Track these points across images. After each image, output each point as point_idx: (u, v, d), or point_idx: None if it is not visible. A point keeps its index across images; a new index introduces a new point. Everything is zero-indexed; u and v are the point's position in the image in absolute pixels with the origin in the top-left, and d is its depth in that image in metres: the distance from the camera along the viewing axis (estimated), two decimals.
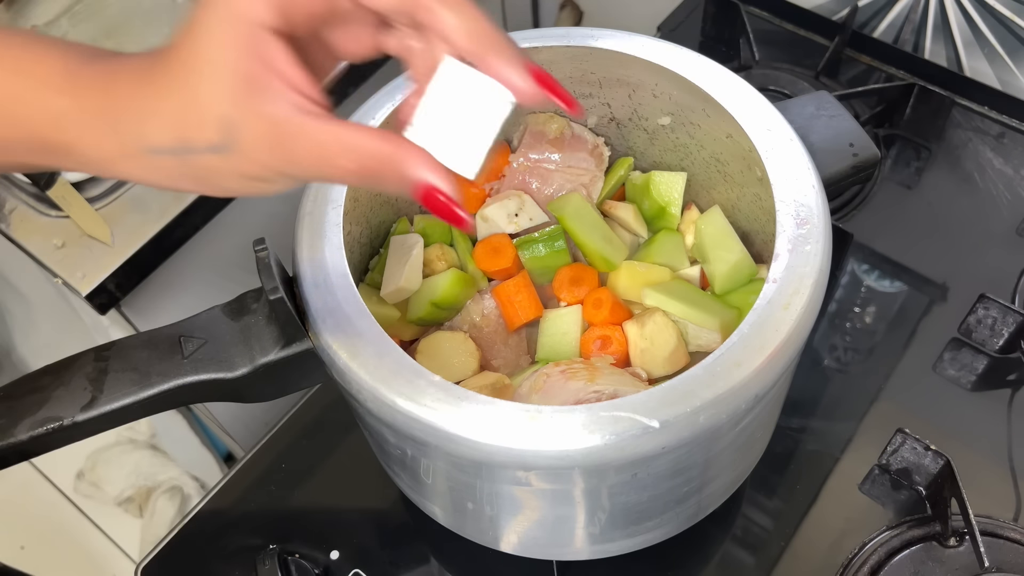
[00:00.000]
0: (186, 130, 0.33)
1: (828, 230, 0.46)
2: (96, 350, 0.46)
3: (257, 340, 0.45)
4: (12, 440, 0.43)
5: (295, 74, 0.33)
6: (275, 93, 0.32)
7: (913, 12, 0.84)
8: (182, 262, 0.78)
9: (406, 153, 0.33)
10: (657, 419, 0.40)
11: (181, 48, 0.33)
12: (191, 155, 0.33)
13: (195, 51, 0.33)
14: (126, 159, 0.34)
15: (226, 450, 1.15)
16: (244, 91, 0.32)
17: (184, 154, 0.33)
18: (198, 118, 0.33)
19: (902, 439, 0.60)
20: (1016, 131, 0.80)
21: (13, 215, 0.75)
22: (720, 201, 0.58)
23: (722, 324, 0.51)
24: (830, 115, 0.57)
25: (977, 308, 0.66)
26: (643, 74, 0.55)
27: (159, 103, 0.33)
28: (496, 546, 0.55)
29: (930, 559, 0.57)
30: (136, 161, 0.34)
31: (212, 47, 0.32)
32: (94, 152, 0.34)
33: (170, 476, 1.25)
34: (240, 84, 0.32)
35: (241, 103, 0.32)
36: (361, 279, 0.57)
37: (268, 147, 0.33)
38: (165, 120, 0.33)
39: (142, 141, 0.34)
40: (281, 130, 0.32)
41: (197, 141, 0.33)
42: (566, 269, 0.55)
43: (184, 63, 0.33)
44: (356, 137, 0.33)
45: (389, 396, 0.42)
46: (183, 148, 0.33)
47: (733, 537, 0.60)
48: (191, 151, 0.33)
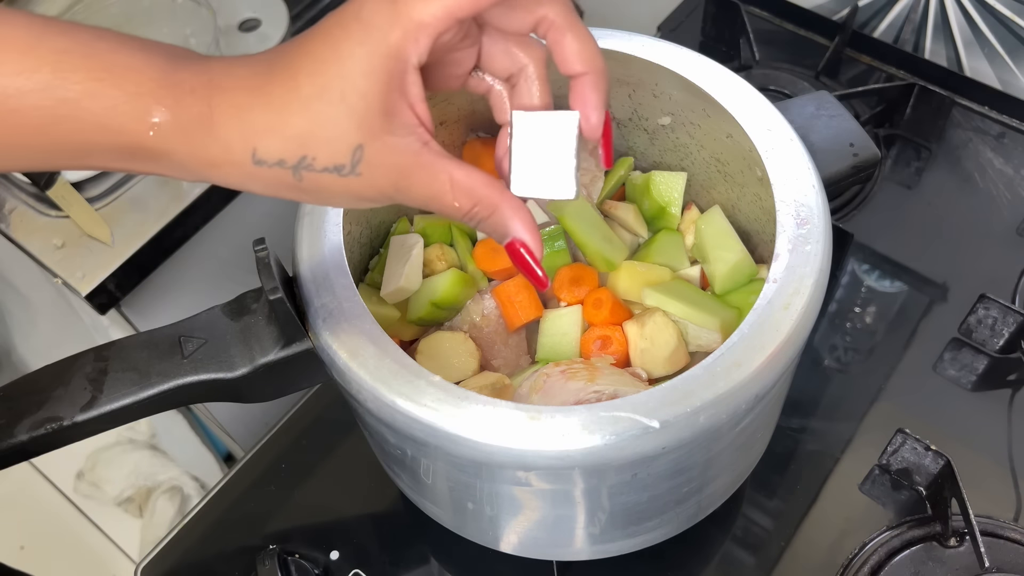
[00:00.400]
0: (310, 150, 0.34)
1: (828, 230, 0.46)
2: (96, 350, 0.46)
3: (257, 340, 0.45)
4: (12, 440, 0.43)
5: (424, 110, 0.35)
6: (407, 127, 0.35)
7: (913, 12, 0.84)
8: (182, 262, 0.78)
9: (511, 208, 0.37)
10: (657, 419, 0.40)
11: (315, 68, 0.33)
12: (307, 172, 0.34)
13: (336, 76, 0.33)
14: (228, 166, 0.34)
15: (226, 450, 1.14)
16: (381, 123, 0.34)
17: (300, 170, 0.34)
18: (327, 141, 0.34)
19: (902, 439, 0.60)
20: (1016, 131, 0.80)
21: (13, 215, 0.75)
22: (720, 201, 0.58)
23: (722, 324, 0.51)
24: (830, 115, 0.57)
25: (977, 308, 0.66)
26: (643, 74, 0.55)
27: (279, 119, 0.33)
28: (496, 546, 0.55)
29: (930, 559, 0.57)
30: (239, 169, 0.34)
31: (358, 76, 0.33)
32: (192, 160, 0.35)
33: (170, 476, 1.25)
34: (379, 116, 0.34)
35: (376, 134, 0.34)
36: (361, 279, 0.57)
37: (391, 176, 0.35)
38: (285, 137, 0.34)
39: (251, 153, 0.34)
40: (407, 162, 0.35)
41: (320, 162, 0.34)
42: (566, 269, 0.55)
43: (318, 85, 0.33)
44: (472, 182, 0.36)
45: (389, 396, 0.42)
46: (301, 165, 0.34)
47: (733, 537, 0.60)
48: (309, 169, 0.34)
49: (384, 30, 0.33)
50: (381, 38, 0.33)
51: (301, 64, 0.34)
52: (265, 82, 0.34)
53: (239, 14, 0.86)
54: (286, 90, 0.34)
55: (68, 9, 0.80)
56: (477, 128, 0.61)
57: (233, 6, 0.86)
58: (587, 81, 0.38)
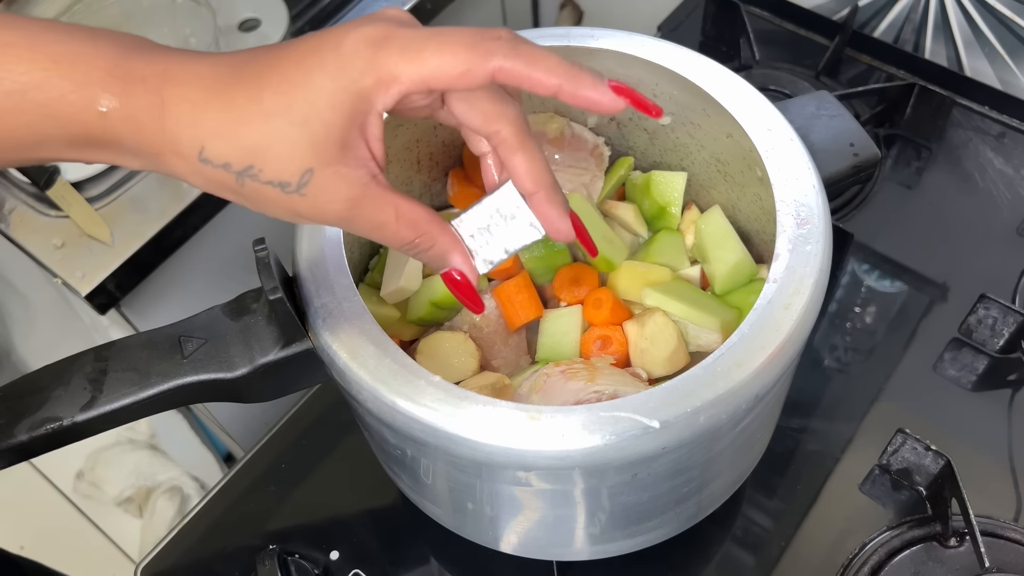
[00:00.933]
0: (258, 161, 0.34)
1: (828, 230, 0.46)
2: (96, 350, 0.46)
3: (257, 340, 0.45)
4: (12, 440, 0.43)
5: (379, 148, 0.37)
6: (360, 160, 0.36)
7: (913, 12, 0.84)
8: (182, 262, 0.78)
9: (450, 241, 0.40)
10: (657, 419, 0.40)
11: (283, 88, 0.34)
12: (250, 180, 0.35)
13: (303, 101, 0.34)
14: (173, 157, 0.35)
15: (226, 450, 1.14)
16: (336, 153, 0.35)
17: (244, 177, 0.35)
18: (278, 157, 0.34)
19: (902, 439, 0.60)
20: (1016, 131, 0.80)
21: (13, 215, 0.75)
22: (720, 201, 0.58)
23: (722, 324, 0.51)
24: (830, 115, 0.57)
25: (977, 308, 0.66)
26: (643, 74, 0.55)
27: (233, 125, 0.34)
28: (496, 546, 0.55)
29: (930, 559, 0.57)
30: (184, 163, 0.35)
31: (324, 107, 0.34)
32: (140, 148, 0.35)
33: (170, 476, 1.25)
34: (335, 146, 0.35)
35: (329, 162, 0.35)
36: (361, 279, 0.57)
37: (336, 204, 0.36)
38: (235, 142, 0.34)
39: (198, 150, 0.34)
40: (355, 193, 0.36)
41: (265, 175, 0.35)
42: (566, 269, 0.55)
43: (282, 103, 0.34)
44: (415, 215, 0.38)
45: (389, 396, 0.42)
46: (246, 173, 0.35)
47: (733, 537, 0.60)
48: (254, 179, 0.35)
49: (359, 72, 0.34)
50: (354, 79, 0.34)
51: (268, 79, 0.34)
52: (227, 86, 0.34)
53: (239, 14, 0.86)
54: (248, 100, 0.34)
55: (68, 9, 0.80)
56: None
57: (233, 6, 0.86)
58: (540, 198, 0.40)
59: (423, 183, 0.61)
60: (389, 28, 0.35)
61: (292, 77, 0.34)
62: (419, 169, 0.60)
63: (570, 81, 0.36)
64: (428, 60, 0.34)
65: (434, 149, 0.60)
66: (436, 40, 0.35)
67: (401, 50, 0.34)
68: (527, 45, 0.36)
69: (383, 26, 0.35)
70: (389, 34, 0.34)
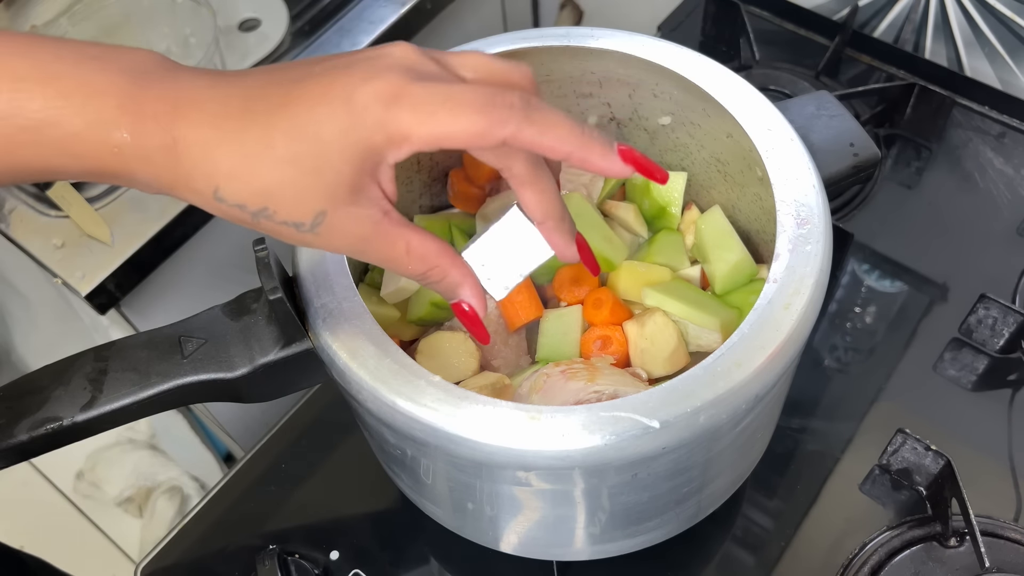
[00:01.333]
0: (272, 203, 0.35)
1: (828, 230, 0.46)
2: (96, 350, 0.46)
3: (257, 340, 0.45)
4: (12, 440, 0.43)
5: (391, 188, 0.37)
6: (371, 200, 0.36)
7: (913, 12, 0.84)
8: (182, 262, 0.78)
9: (460, 274, 0.40)
10: (657, 419, 0.40)
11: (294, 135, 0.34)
12: (265, 220, 0.35)
13: (314, 152, 0.34)
14: (189, 193, 0.35)
15: (226, 450, 1.14)
16: (347, 196, 0.35)
17: (259, 217, 0.35)
18: (291, 201, 0.35)
19: (902, 439, 0.60)
20: (1017, 131, 0.80)
21: (13, 215, 0.75)
22: (720, 201, 0.58)
23: (722, 324, 0.51)
24: (830, 115, 0.57)
25: (977, 308, 0.66)
26: (643, 74, 0.55)
27: (244, 168, 0.34)
28: (496, 546, 0.55)
29: (931, 559, 0.57)
30: (200, 198, 0.35)
31: (335, 157, 0.34)
32: (154, 183, 0.35)
33: (170, 476, 1.24)
34: (346, 191, 0.35)
35: (341, 204, 0.35)
36: (361, 279, 0.57)
37: (349, 240, 0.37)
38: (249, 186, 0.34)
39: (212, 190, 0.34)
40: (367, 231, 0.37)
41: (280, 216, 0.35)
42: (566, 269, 0.55)
43: (293, 151, 0.34)
44: (426, 250, 0.38)
45: (389, 396, 0.42)
46: (261, 214, 0.35)
47: (733, 537, 0.60)
48: (269, 219, 0.35)
49: (370, 131, 0.34)
50: (365, 136, 0.34)
51: (279, 123, 0.34)
52: (239, 126, 0.34)
53: (239, 14, 0.86)
54: (260, 145, 0.34)
55: (68, 9, 0.80)
56: None
57: (233, 6, 0.86)
58: (549, 227, 0.41)
59: (423, 183, 0.61)
60: (400, 84, 0.34)
61: (303, 125, 0.34)
62: (419, 169, 0.60)
63: (580, 149, 0.37)
64: (441, 123, 0.34)
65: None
66: (450, 103, 0.35)
67: (413, 110, 0.34)
68: (540, 111, 0.36)
69: (394, 81, 0.34)
70: (400, 92, 0.34)
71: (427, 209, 0.62)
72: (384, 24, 0.86)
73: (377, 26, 0.86)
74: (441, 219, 0.60)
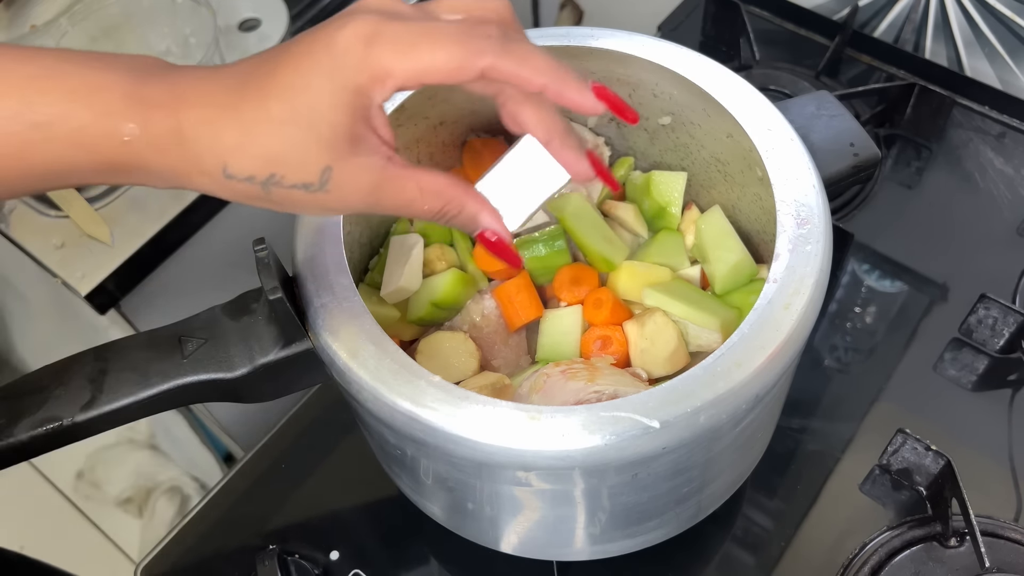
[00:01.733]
0: (278, 168, 0.35)
1: (829, 230, 0.46)
2: (96, 350, 0.46)
3: (257, 340, 0.45)
4: (12, 440, 0.43)
5: (387, 133, 0.38)
6: (372, 148, 0.37)
7: (914, 12, 0.84)
8: (182, 262, 0.78)
9: (477, 203, 0.40)
10: (657, 419, 0.40)
11: (285, 94, 0.35)
12: (275, 187, 0.36)
13: (305, 105, 0.35)
14: (200, 176, 0.36)
15: (226, 450, 1.14)
16: (348, 147, 0.36)
17: (269, 186, 0.36)
18: (296, 161, 0.35)
19: (903, 439, 0.60)
20: (1017, 131, 0.80)
21: (13, 215, 0.75)
22: (720, 201, 0.58)
23: (722, 324, 0.51)
24: (831, 115, 0.57)
25: (978, 308, 0.66)
26: (643, 74, 0.55)
27: (247, 138, 0.35)
28: (496, 546, 0.55)
29: (931, 559, 0.57)
30: (211, 180, 0.36)
31: (325, 108, 0.35)
32: (167, 172, 0.36)
33: (170, 476, 1.24)
34: (346, 141, 0.36)
35: (343, 156, 0.36)
36: (361, 279, 0.57)
37: (360, 192, 0.37)
38: (254, 155, 0.35)
39: (222, 168, 0.35)
40: (375, 178, 0.37)
41: (288, 179, 0.36)
42: (566, 269, 0.55)
43: (287, 110, 0.35)
44: (438, 184, 0.38)
45: (389, 396, 0.42)
46: (270, 182, 0.35)
47: (733, 537, 0.60)
48: (278, 185, 0.36)
49: (353, 70, 0.35)
50: (350, 77, 0.35)
51: (271, 86, 0.35)
52: (237, 100, 0.35)
53: (239, 14, 0.86)
54: (257, 111, 0.35)
55: (68, 9, 0.80)
56: (477, 128, 0.61)
57: (233, 6, 0.86)
58: (556, 145, 0.41)
59: None
60: (378, 22, 0.35)
61: (292, 82, 0.35)
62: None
63: (556, 81, 0.37)
64: (420, 56, 0.35)
65: (434, 149, 0.60)
66: (428, 36, 0.35)
67: (393, 45, 0.35)
68: (517, 43, 0.37)
69: (372, 20, 0.35)
70: (378, 29, 0.35)
71: None
72: None
73: None
74: None
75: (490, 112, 0.45)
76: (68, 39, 0.75)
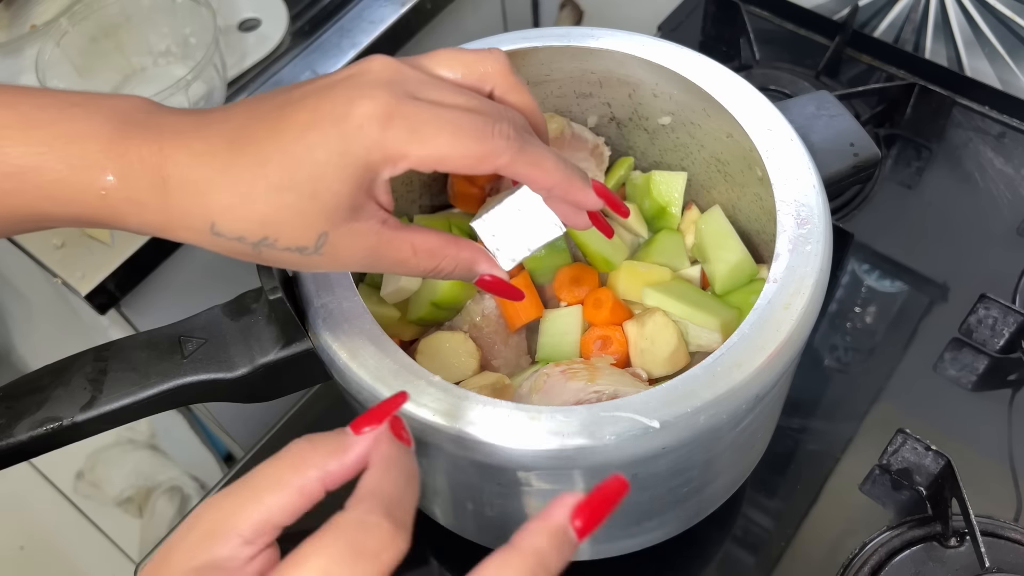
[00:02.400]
0: (272, 232, 0.35)
1: (829, 230, 0.46)
2: (96, 350, 0.46)
3: (257, 340, 0.45)
4: (12, 440, 0.43)
5: (388, 200, 0.37)
6: (370, 213, 0.37)
7: (914, 12, 0.84)
8: (182, 262, 0.78)
9: (470, 254, 0.41)
10: (657, 419, 0.40)
11: (287, 163, 0.34)
12: (267, 249, 0.35)
13: (310, 176, 0.34)
14: (185, 232, 0.35)
15: (226, 450, 1.14)
16: (347, 215, 0.35)
17: (261, 247, 0.35)
18: (291, 227, 0.35)
19: (903, 439, 0.60)
20: (1017, 131, 0.80)
21: None
22: (720, 201, 0.58)
23: (722, 324, 0.51)
24: (831, 115, 0.57)
25: (978, 308, 0.66)
26: (643, 74, 0.55)
27: (242, 202, 0.34)
28: (496, 546, 0.54)
29: (931, 559, 0.57)
30: (196, 235, 0.35)
31: (332, 179, 0.34)
32: (146, 226, 0.35)
33: (170, 476, 1.24)
34: (345, 210, 0.35)
35: (341, 223, 0.35)
36: (361, 279, 0.57)
37: (355, 256, 0.37)
38: (246, 218, 0.34)
39: (209, 225, 0.34)
40: (371, 243, 0.37)
41: (282, 243, 0.35)
42: (566, 269, 0.55)
43: (288, 178, 0.34)
44: (430, 244, 0.39)
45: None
46: (262, 244, 0.35)
47: (733, 537, 0.60)
48: (271, 248, 0.35)
49: (366, 150, 0.34)
50: (360, 155, 0.34)
51: (270, 152, 0.34)
52: (228, 161, 0.34)
53: (239, 14, 0.86)
54: (252, 176, 0.34)
55: (68, 9, 0.80)
56: None
57: (233, 6, 0.86)
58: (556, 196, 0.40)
59: (423, 183, 0.61)
60: (391, 102, 0.35)
61: (295, 152, 0.34)
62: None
63: (563, 183, 0.39)
64: (439, 146, 0.35)
65: None
66: (448, 126, 0.35)
67: (411, 131, 0.35)
68: (532, 145, 0.38)
69: (386, 99, 0.35)
70: (394, 111, 0.35)
71: (427, 209, 0.62)
72: (384, 24, 0.86)
73: (377, 26, 0.86)
74: (441, 219, 0.60)
75: None
76: (68, 39, 0.75)
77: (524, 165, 0.37)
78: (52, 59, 0.73)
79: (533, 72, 0.57)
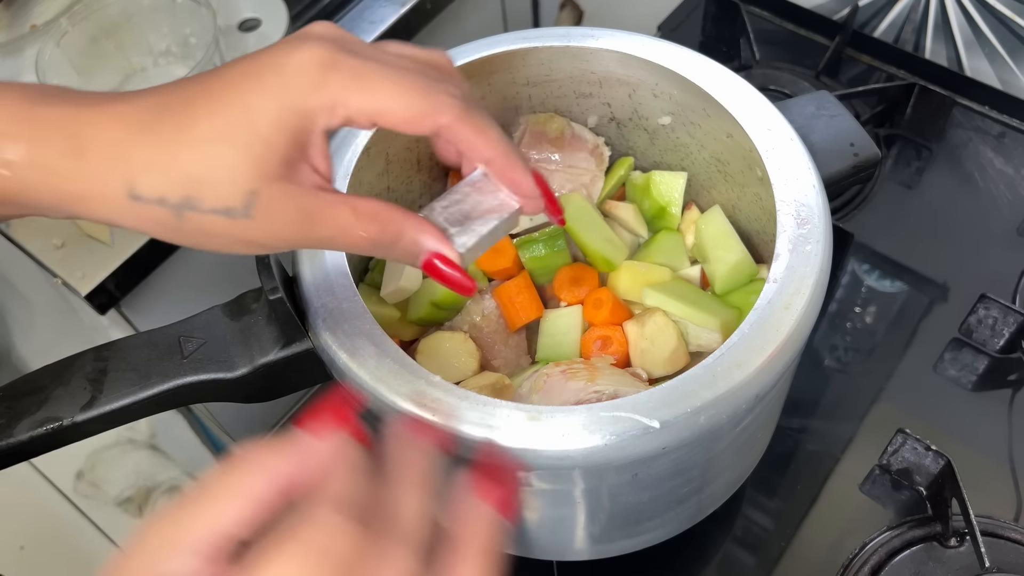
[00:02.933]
0: (197, 190, 0.32)
1: (829, 230, 0.46)
2: (96, 350, 0.45)
3: (257, 340, 0.45)
4: (12, 440, 0.43)
5: (325, 165, 0.35)
6: (305, 175, 0.34)
7: (914, 12, 0.84)
8: (182, 262, 0.78)
9: (416, 225, 0.37)
10: (657, 419, 0.40)
11: (217, 111, 0.32)
12: (190, 212, 0.33)
13: (243, 123, 0.32)
14: (98, 200, 0.32)
15: (226, 450, 1.14)
16: (279, 170, 0.33)
17: (183, 210, 0.33)
18: (218, 183, 0.32)
19: (903, 439, 0.60)
20: (1017, 131, 0.80)
21: None
22: (720, 201, 0.58)
23: (722, 324, 0.51)
24: (831, 115, 0.57)
25: (978, 308, 0.66)
26: (643, 74, 0.55)
27: (164, 155, 0.32)
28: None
29: (931, 559, 0.57)
30: (111, 204, 0.32)
31: (266, 127, 0.32)
32: (55, 197, 0.33)
33: (170, 476, 1.24)
34: (278, 164, 0.33)
35: (273, 180, 0.33)
36: (361, 279, 0.57)
37: (290, 220, 0.34)
38: (170, 175, 0.32)
39: (127, 187, 0.32)
40: (307, 204, 0.34)
41: (207, 203, 0.33)
42: (566, 269, 0.55)
43: (218, 127, 0.32)
44: (374, 207, 0.36)
45: (389, 396, 0.42)
46: (185, 205, 0.33)
47: (733, 537, 0.60)
48: (194, 209, 0.33)
49: (304, 93, 0.33)
50: (299, 98, 0.33)
51: (200, 106, 0.33)
52: (154, 121, 0.32)
53: (239, 14, 0.86)
54: (178, 128, 0.32)
55: (68, 9, 0.80)
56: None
57: (233, 6, 0.86)
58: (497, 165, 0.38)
59: (423, 183, 0.61)
60: (335, 51, 0.33)
61: (227, 100, 0.33)
62: (419, 169, 0.60)
63: (504, 158, 0.37)
64: (379, 96, 0.34)
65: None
66: (389, 78, 0.34)
67: (351, 77, 0.33)
68: (478, 112, 0.36)
69: (328, 47, 0.33)
70: (336, 58, 0.33)
71: None
72: (384, 24, 0.86)
73: (377, 26, 0.86)
74: None
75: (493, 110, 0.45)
76: (68, 39, 0.75)
77: (467, 128, 0.35)
78: (52, 59, 0.73)
79: (533, 72, 0.57)
